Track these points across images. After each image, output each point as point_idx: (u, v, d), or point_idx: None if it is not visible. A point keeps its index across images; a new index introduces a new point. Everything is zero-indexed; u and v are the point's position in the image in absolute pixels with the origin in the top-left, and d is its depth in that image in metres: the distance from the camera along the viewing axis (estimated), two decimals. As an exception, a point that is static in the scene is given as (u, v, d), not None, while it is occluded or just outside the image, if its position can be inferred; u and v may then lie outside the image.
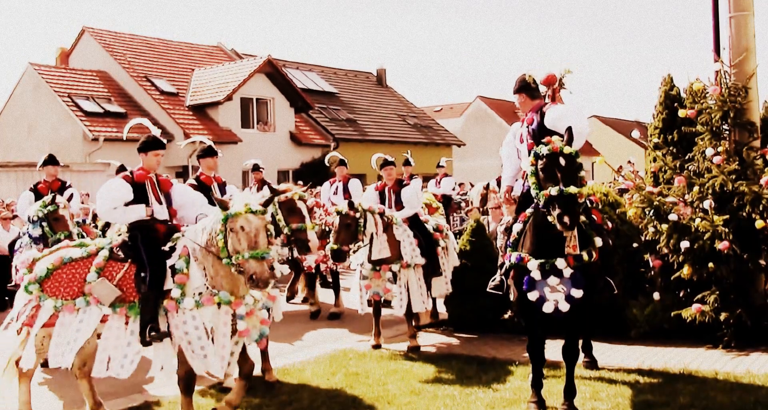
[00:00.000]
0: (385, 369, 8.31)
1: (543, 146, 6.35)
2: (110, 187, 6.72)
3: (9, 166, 21.52)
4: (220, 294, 6.13)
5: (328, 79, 37.93)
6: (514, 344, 9.08)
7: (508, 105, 48.87)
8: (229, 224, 5.98)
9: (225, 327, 6.18)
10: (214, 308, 6.13)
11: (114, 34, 32.16)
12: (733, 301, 8.42)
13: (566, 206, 6.10)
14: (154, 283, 6.28)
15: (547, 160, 6.28)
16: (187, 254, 6.29)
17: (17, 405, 6.88)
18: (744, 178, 8.63)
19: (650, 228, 9.03)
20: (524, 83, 7.38)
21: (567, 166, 6.26)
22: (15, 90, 29.30)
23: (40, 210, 9.10)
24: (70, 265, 6.63)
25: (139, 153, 6.90)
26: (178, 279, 6.19)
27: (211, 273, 6.21)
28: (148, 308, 6.25)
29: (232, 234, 5.95)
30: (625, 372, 7.66)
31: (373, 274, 9.43)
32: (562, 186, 6.13)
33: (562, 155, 6.26)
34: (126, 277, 6.42)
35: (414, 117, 38.65)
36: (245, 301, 6.24)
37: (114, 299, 6.36)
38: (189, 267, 6.25)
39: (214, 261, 6.18)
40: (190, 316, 6.10)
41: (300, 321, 11.90)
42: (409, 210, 9.80)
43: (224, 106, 28.98)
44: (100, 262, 6.53)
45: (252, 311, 6.33)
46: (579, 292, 6.46)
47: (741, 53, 9.16)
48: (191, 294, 6.15)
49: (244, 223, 5.94)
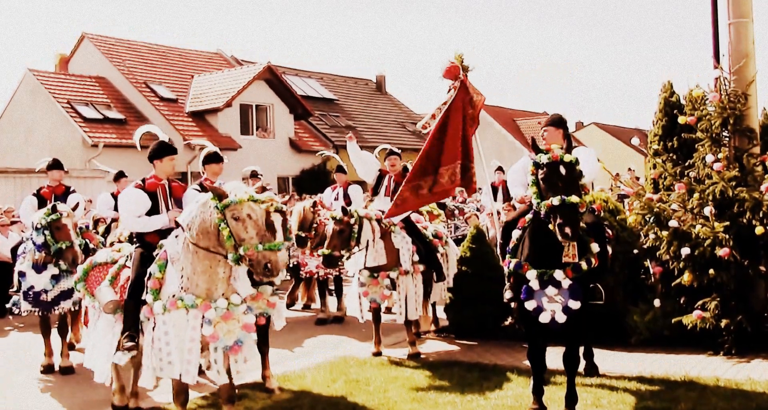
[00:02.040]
0: (385, 376, 8.29)
1: (543, 155, 6.34)
2: (128, 198, 6.80)
3: (8, 172, 21.43)
4: (184, 298, 5.97)
5: (328, 85, 37.99)
6: (515, 351, 9.05)
7: (507, 112, 48.95)
8: (231, 212, 5.76)
9: (194, 331, 5.99)
10: (183, 312, 5.98)
11: (113, 40, 32.19)
12: (734, 308, 8.40)
13: (568, 216, 6.06)
14: (133, 291, 6.33)
15: (547, 169, 6.27)
16: (164, 259, 6.25)
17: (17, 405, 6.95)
18: (744, 185, 8.62)
19: (651, 235, 9.02)
20: (563, 120, 7.53)
21: (568, 174, 6.25)
22: (14, 96, 29.28)
23: (43, 218, 9.11)
24: (97, 268, 6.99)
25: (152, 161, 6.93)
26: (152, 284, 6.17)
27: (188, 272, 6.03)
28: (127, 316, 6.34)
29: (237, 223, 5.74)
30: (626, 379, 7.64)
31: (371, 281, 9.41)
32: (564, 195, 6.12)
33: (563, 164, 6.25)
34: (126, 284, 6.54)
35: (413, 123, 38.59)
36: (216, 305, 6.00)
37: (113, 305, 6.43)
38: (164, 271, 6.19)
39: (193, 259, 6.00)
40: (161, 321, 6.03)
41: (300, 328, 11.88)
42: None
43: (224, 113, 29.02)
44: (114, 270, 6.73)
45: (229, 315, 6.07)
46: (577, 304, 6.46)
47: (740, 60, 9.17)
48: (165, 299, 6.06)
49: (250, 211, 5.75)
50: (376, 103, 39.46)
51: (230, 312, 6.08)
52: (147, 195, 6.77)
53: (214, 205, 5.82)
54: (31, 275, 9.29)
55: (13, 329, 12.84)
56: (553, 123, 7.48)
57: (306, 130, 32.61)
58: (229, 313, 6.07)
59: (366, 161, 10.22)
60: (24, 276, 9.34)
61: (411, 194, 9.27)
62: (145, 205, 6.72)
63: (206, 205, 5.90)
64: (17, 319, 12.75)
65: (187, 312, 5.98)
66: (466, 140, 9.36)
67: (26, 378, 9.18)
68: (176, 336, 5.99)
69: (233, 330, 6.11)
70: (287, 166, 30.51)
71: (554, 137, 7.33)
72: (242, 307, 6.17)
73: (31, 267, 9.28)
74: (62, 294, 9.24)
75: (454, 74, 9.23)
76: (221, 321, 6.04)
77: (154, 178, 6.87)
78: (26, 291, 9.32)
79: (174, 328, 5.98)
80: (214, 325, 6.00)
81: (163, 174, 6.92)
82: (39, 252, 9.17)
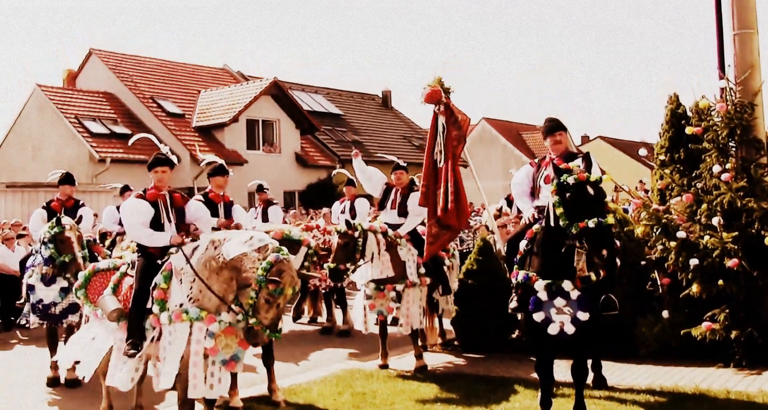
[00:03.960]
0: (392, 389, 8.24)
1: (568, 175, 6.24)
2: (130, 208, 6.85)
3: (16, 187, 21.52)
4: (189, 311, 6.04)
5: (334, 100, 38.03)
6: (522, 364, 8.99)
7: (513, 126, 48.93)
8: (267, 294, 5.73)
9: (197, 345, 6.04)
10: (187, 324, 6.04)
11: (121, 55, 32.35)
12: (744, 319, 8.33)
13: (604, 238, 5.98)
14: (137, 300, 6.39)
15: (575, 190, 6.16)
16: (169, 270, 6.32)
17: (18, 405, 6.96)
18: (752, 195, 8.59)
19: (658, 246, 8.98)
20: (561, 123, 7.43)
21: (596, 194, 6.17)
22: (22, 111, 29.41)
23: (47, 231, 9.12)
24: (100, 275, 7.04)
25: (149, 171, 6.98)
26: (156, 295, 6.24)
27: (196, 292, 6.14)
28: (132, 324, 6.39)
29: (265, 303, 5.73)
30: (635, 392, 7.57)
31: (377, 294, 9.37)
32: (598, 217, 5.99)
33: (590, 184, 6.17)
34: (130, 293, 6.58)
35: (420, 138, 38.52)
36: (220, 318, 6.07)
37: (117, 314, 6.46)
38: (169, 282, 6.26)
39: (199, 283, 6.12)
40: (168, 332, 6.12)
41: (306, 342, 11.85)
42: (412, 220, 9.75)
43: (230, 128, 29.07)
44: (116, 278, 6.78)
45: (230, 330, 6.13)
46: (585, 315, 6.40)
47: (746, 70, 9.19)
48: (171, 310, 6.14)
49: (281, 301, 5.78)
50: (382, 118, 39.48)
51: (232, 327, 6.16)
52: (149, 204, 6.78)
53: (260, 276, 5.74)
54: (40, 288, 9.29)
55: (18, 342, 12.82)
56: (557, 128, 7.39)
57: (312, 145, 32.65)
58: (231, 328, 6.15)
59: (371, 176, 10.22)
60: (33, 289, 9.34)
61: (437, 228, 9.18)
62: (147, 214, 6.73)
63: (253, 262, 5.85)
64: (23, 333, 12.77)
65: (191, 324, 6.05)
66: (434, 164, 9.23)
67: (32, 390, 9.14)
68: (177, 347, 6.05)
69: (231, 344, 6.18)
70: (293, 180, 30.52)
71: (562, 147, 7.28)
72: (242, 324, 6.18)
73: (40, 279, 9.28)
74: (70, 307, 9.22)
75: (436, 98, 9.20)
76: (222, 335, 6.11)
77: (155, 188, 6.90)
78: (35, 304, 9.31)
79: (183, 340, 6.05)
80: (216, 338, 6.06)
81: (159, 184, 6.93)
82: (46, 265, 9.18)
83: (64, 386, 9.21)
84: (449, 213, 8.88)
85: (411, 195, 9.87)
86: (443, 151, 9.10)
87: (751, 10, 9.39)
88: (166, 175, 6.92)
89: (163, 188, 6.92)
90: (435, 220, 9.04)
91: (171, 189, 7.05)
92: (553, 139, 7.33)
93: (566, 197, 6.20)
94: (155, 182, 6.92)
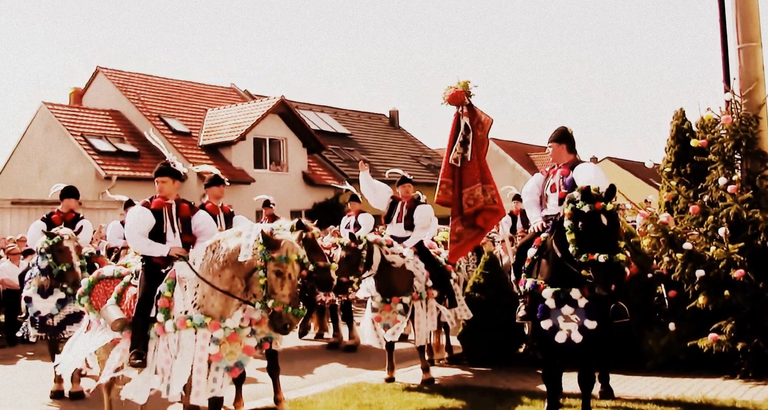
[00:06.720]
0: (398, 402, 8.21)
1: (583, 203, 6.17)
2: (133, 216, 6.86)
3: (21, 203, 21.64)
4: (193, 317, 6.03)
5: (341, 120, 38.13)
6: (529, 376, 8.96)
7: (521, 147, 48.94)
8: (275, 266, 5.75)
9: (201, 351, 6.02)
10: (192, 331, 6.02)
11: (127, 74, 32.49)
12: (750, 330, 8.30)
13: (612, 274, 5.96)
14: (140, 309, 6.35)
15: (589, 218, 6.12)
16: (173, 278, 6.30)
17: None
18: (758, 207, 8.61)
19: (665, 258, 8.97)
20: (566, 134, 7.45)
21: (609, 224, 6.11)
22: (27, 129, 29.52)
23: (45, 241, 9.14)
24: (104, 282, 7.00)
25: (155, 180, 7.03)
26: (160, 303, 6.21)
27: (205, 290, 6.10)
28: (135, 333, 6.33)
29: (276, 278, 5.74)
30: (641, 402, 7.55)
31: (384, 306, 9.36)
32: (610, 253, 5.95)
33: (605, 213, 6.11)
34: (133, 303, 6.54)
35: (428, 158, 38.64)
36: (224, 324, 6.06)
37: (120, 323, 6.43)
38: (173, 290, 6.24)
39: (202, 286, 6.09)
40: (172, 340, 6.09)
41: (313, 357, 11.82)
42: (417, 234, 9.75)
43: (237, 146, 29.13)
44: (120, 287, 6.74)
45: (234, 336, 6.13)
46: (593, 324, 6.39)
47: (751, 83, 9.24)
48: (176, 318, 6.11)
49: (291, 271, 5.77)
50: (390, 137, 39.54)
51: (236, 334, 6.15)
52: (152, 213, 6.77)
53: (261, 251, 5.78)
54: (37, 300, 9.29)
55: (22, 357, 12.82)
56: (557, 139, 7.42)
57: (319, 164, 32.70)
58: (235, 335, 6.14)
59: (377, 189, 10.24)
60: (30, 301, 9.34)
61: (461, 227, 9.21)
62: (147, 224, 6.71)
63: (248, 247, 5.84)
64: (27, 348, 12.76)
65: (195, 331, 6.02)
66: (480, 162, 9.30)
67: (36, 404, 9.11)
68: (186, 355, 6.02)
69: (235, 351, 6.18)
70: (300, 199, 30.52)
71: (559, 153, 7.32)
72: (246, 330, 6.26)
73: (37, 291, 9.28)
74: (69, 318, 9.21)
75: (459, 100, 9.24)
76: (227, 341, 6.10)
77: (161, 197, 6.90)
78: (33, 316, 9.32)
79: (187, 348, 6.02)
80: (220, 345, 6.06)
81: (162, 194, 6.93)
82: (43, 276, 9.18)
83: (67, 399, 9.18)
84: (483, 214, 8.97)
85: (417, 208, 9.90)
86: (470, 151, 9.16)
87: (756, 23, 9.45)
88: (167, 185, 6.90)
89: (169, 197, 6.92)
90: (459, 218, 9.07)
91: (179, 198, 7.04)
92: (556, 148, 7.39)
93: (578, 226, 6.15)
94: (160, 190, 6.95)
